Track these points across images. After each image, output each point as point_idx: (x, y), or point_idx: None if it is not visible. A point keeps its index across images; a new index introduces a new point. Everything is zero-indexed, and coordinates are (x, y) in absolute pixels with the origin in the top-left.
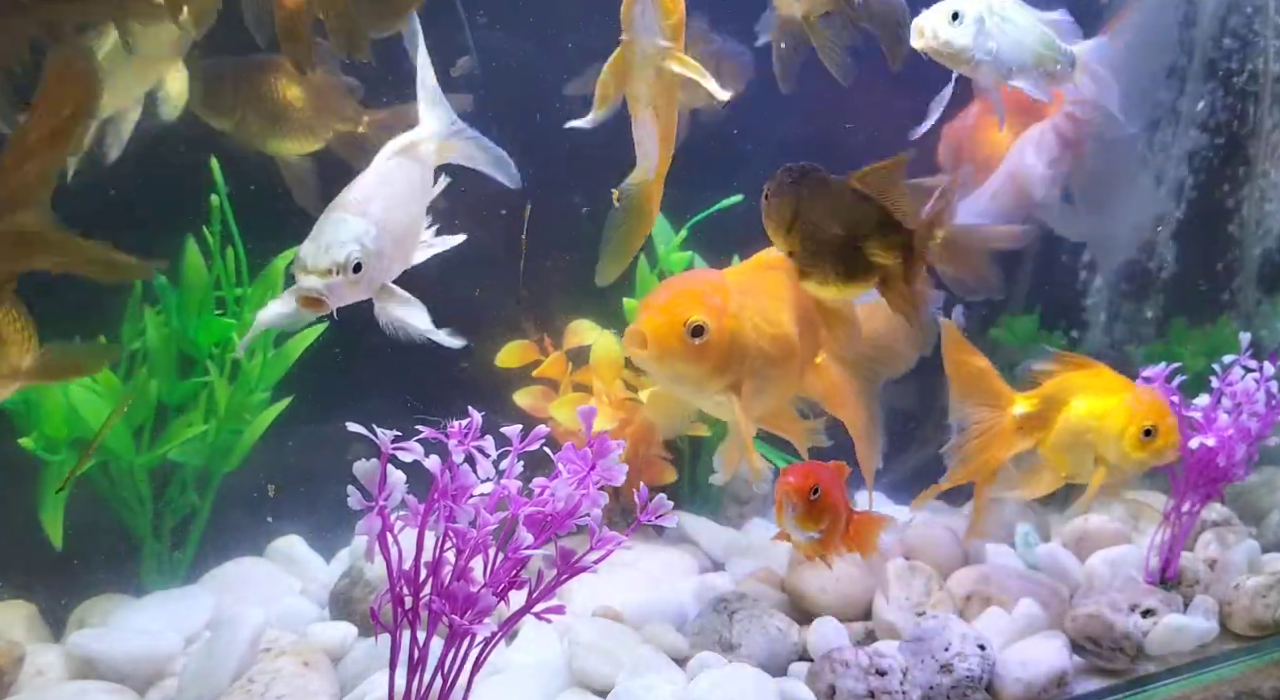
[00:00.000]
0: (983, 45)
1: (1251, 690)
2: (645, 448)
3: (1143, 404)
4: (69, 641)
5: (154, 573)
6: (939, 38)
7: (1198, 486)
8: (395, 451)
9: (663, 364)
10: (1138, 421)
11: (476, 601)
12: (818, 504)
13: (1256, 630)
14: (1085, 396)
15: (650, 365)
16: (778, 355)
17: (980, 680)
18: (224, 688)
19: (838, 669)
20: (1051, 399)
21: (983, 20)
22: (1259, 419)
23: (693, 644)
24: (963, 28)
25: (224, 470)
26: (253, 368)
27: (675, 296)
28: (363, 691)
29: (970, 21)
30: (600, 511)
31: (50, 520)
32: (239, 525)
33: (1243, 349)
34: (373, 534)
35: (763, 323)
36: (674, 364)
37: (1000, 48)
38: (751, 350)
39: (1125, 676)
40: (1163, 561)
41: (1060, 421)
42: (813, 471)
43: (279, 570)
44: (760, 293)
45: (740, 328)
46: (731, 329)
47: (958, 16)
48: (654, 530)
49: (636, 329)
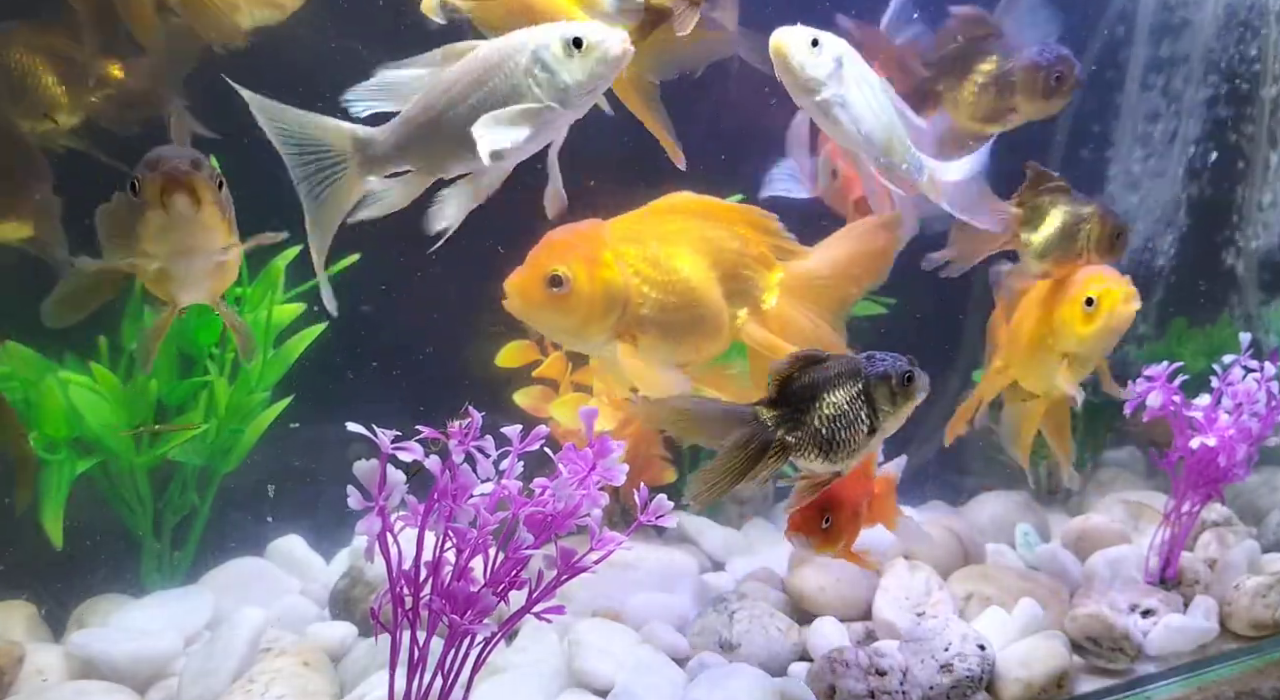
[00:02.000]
0: (835, 88)
1: (1251, 690)
2: (645, 448)
3: (1075, 282)
4: (69, 641)
5: (154, 573)
6: (794, 58)
7: (1198, 486)
8: (395, 451)
9: (528, 316)
10: (1074, 300)
11: (476, 601)
12: (831, 529)
13: (1256, 630)
14: (1021, 318)
15: (519, 317)
16: (676, 303)
17: (980, 680)
18: (224, 688)
19: (838, 669)
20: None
21: (842, 63)
22: (1259, 419)
23: (693, 644)
24: (820, 58)
25: (224, 470)
26: (253, 368)
27: (542, 249)
28: (363, 691)
29: (829, 57)
30: (600, 512)
31: (50, 520)
32: (239, 525)
33: (1243, 349)
34: (373, 534)
35: (650, 270)
36: (539, 315)
37: (852, 103)
38: (635, 298)
39: (1125, 676)
40: (1163, 561)
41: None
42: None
43: (279, 570)
44: (654, 239)
45: (616, 277)
46: (605, 278)
47: (817, 44)
48: (654, 530)
49: (506, 289)
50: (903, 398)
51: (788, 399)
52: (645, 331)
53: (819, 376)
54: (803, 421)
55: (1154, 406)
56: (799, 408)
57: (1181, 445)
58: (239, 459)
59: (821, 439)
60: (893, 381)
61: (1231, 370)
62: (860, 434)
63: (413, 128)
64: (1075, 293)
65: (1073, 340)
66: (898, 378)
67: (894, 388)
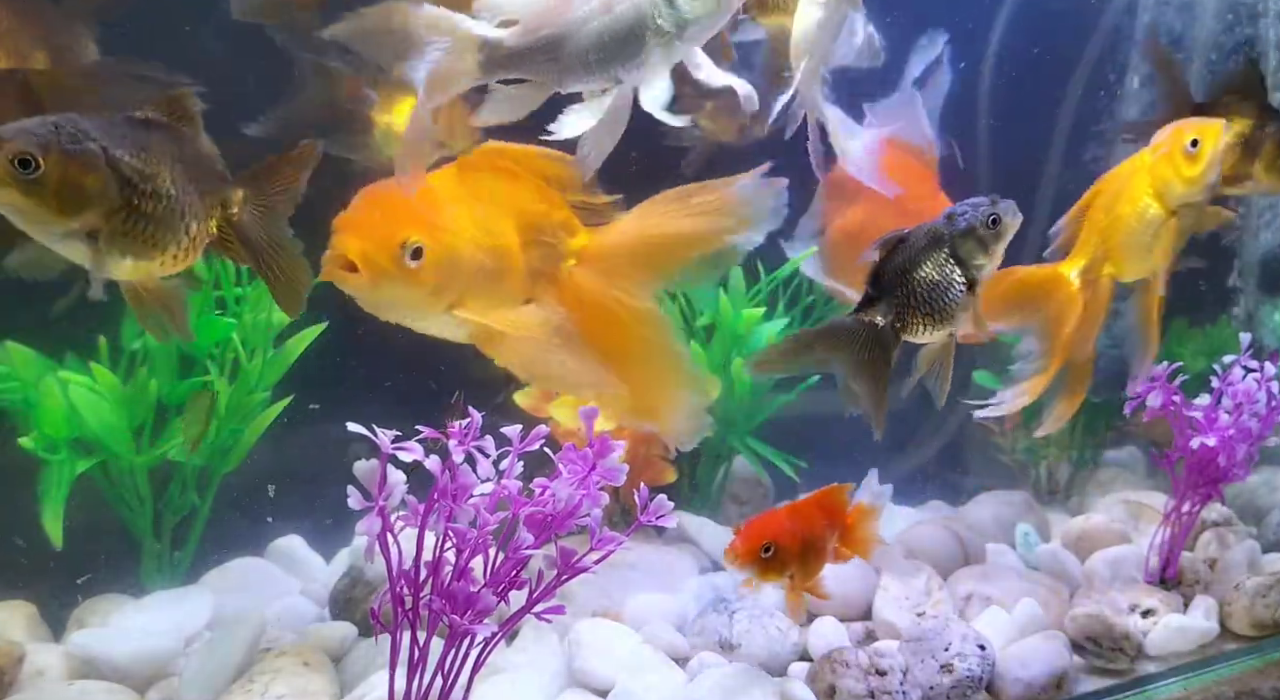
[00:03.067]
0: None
1: (1251, 690)
2: (645, 448)
3: (1166, 139)
4: (69, 641)
5: (154, 573)
6: None
7: (1198, 486)
8: (395, 451)
9: (377, 291)
10: (1174, 150)
11: (477, 601)
12: (773, 559)
13: (1256, 630)
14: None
15: (361, 293)
16: (497, 270)
17: (980, 680)
18: (224, 688)
19: (838, 669)
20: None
21: None
22: (1259, 419)
23: (693, 644)
24: None
25: (224, 470)
26: (253, 368)
27: (385, 212)
28: (363, 691)
29: None
30: (600, 512)
31: (50, 520)
32: (239, 525)
33: (1243, 349)
34: (373, 534)
35: (481, 234)
36: (391, 290)
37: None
38: (469, 267)
39: (1125, 676)
40: (1163, 561)
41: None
42: (762, 527)
43: (279, 570)
44: (475, 200)
45: (457, 243)
46: (448, 245)
47: None
48: (654, 530)
49: (339, 252)
50: (994, 239)
51: (884, 289)
52: (471, 303)
53: (903, 256)
54: (905, 304)
55: (1154, 406)
56: (896, 292)
57: (1181, 445)
58: (239, 459)
59: (923, 314)
60: (978, 231)
61: (1231, 370)
62: (959, 294)
63: (535, 39)
64: (1173, 144)
65: (1181, 187)
66: (983, 224)
67: (981, 235)
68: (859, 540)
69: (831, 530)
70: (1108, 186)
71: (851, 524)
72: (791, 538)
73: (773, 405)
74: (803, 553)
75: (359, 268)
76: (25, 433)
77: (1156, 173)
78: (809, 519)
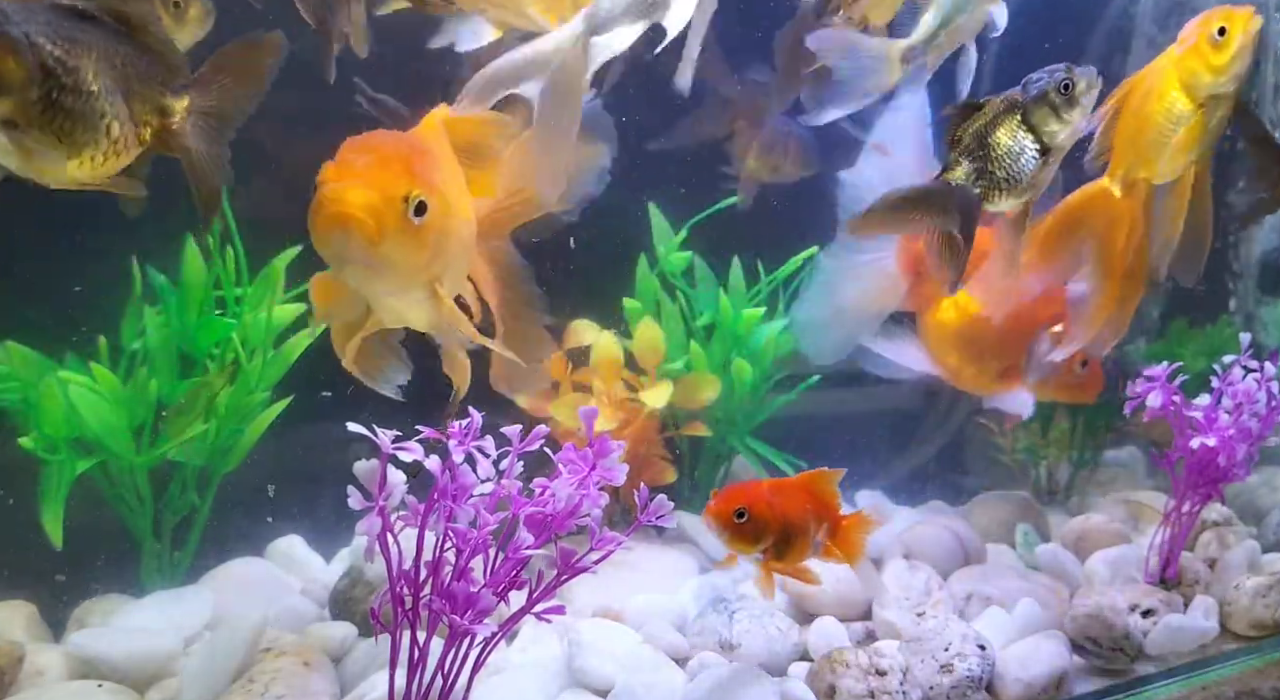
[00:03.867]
0: None
1: (1251, 690)
2: (645, 448)
3: (1194, 30)
4: (69, 641)
5: (154, 573)
6: None
7: (1198, 486)
8: (395, 451)
9: (377, 249)
10: (1201, 40)
11: (477, 601)
12: (747, 525)
13: (1256, 630)
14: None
15: (361, 251)
16: (470, 242)
17: (980, 680)
18: (224, 688)
19: (838, 669)
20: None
21: None
22: (1259, 419)
23: (693, 644)
24: None
25: (224, 470)
26: (253, 368)
27: (384, 163)
28: (363, 691)
29: None
30: (600, 512)
31: (50, 520)
32: (239, 525)
33: (1243, 349)
34: (373, 534)
35: (460, 200)
36: (392, 247)
37: None
38: (454, 235)
39: (1125, 677)
40: (1163, 561)
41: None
42: (740, 493)
43: (279, 570)
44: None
45: (449, 206)
46: (445, 206)
47: None
48: (654, 530)
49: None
50: (1068, 106)
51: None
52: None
53: (978, 124)
54: (982, 169)
55: (1154, 406)
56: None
57: (1181, 445)
58: (239, 459)
59: (998, 180)
60: (1052, 97)
61: (1231, 370)
62: (1031, 161)
63: None
64: (1200, 34)
65: (1209, 77)
66: (1056, 90)
67: (1055, 102)
68: (849, 544)
69: (817, 517)
70: (1136, 87)
71: (845, 526)
72: (769, 510)
73: (773, 405)
74: (782, 529)
75: (362, 220)
76: (25, 433)
77: (1184, 65)
78: (792, 497)
